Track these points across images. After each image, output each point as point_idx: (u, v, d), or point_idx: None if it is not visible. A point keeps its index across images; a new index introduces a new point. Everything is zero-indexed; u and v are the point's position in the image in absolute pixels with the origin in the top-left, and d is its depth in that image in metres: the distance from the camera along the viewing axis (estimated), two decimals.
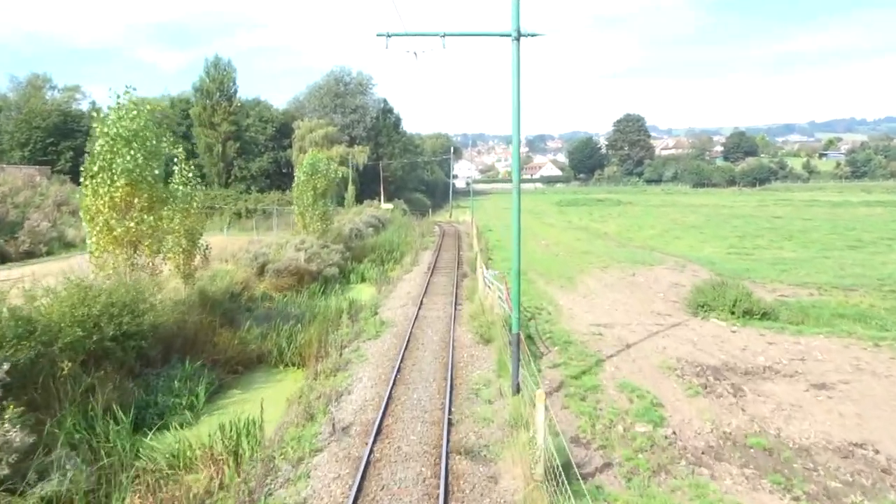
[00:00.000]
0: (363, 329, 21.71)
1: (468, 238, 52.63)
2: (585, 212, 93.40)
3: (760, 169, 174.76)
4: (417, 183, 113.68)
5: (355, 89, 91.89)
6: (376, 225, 55.36)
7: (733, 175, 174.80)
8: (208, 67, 73.28)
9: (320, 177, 39.62)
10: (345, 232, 45.61)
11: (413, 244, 48.90)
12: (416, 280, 32.37)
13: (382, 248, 45.07)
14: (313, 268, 32.88)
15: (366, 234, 49.49)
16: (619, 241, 53.27)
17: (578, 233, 60.77)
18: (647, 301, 26.35)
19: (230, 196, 70.02)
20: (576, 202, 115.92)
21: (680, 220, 75.42)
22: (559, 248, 47.13)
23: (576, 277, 32.23)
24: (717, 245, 48.47)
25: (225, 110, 73.04)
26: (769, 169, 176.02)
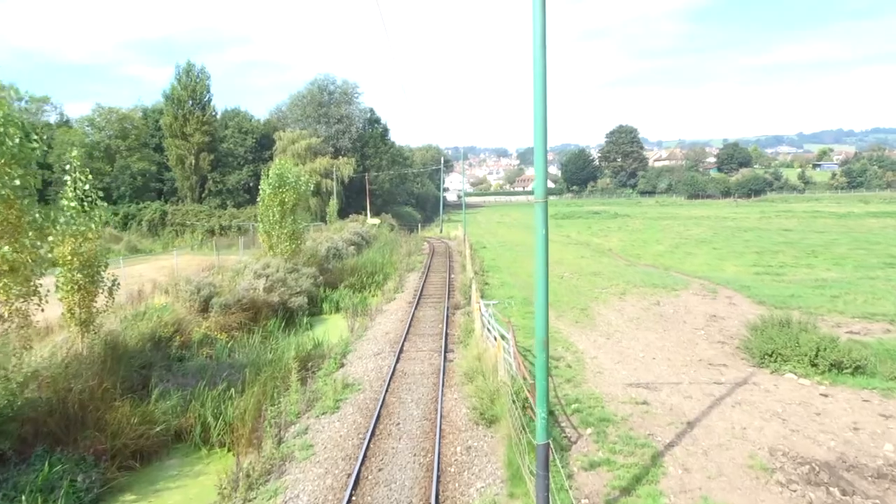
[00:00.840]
0: (319, 394, 15.78)
1: (460, 257, 46.82)
2: (583, 225, 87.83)
3: (755, 180, 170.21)
4: (406, 196, 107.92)
5: (340, 98, 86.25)
6: (359, 243, 49.51)
7: (728, 186, 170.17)
8: (179, 74, 67.48)
9: (289, 189, 33.78)
10: (320, 252, 39.72)
11: (399, 265, 43.04)
12: (398, 313, 26.45)
13: (364, 270, 39.24)
14: (274, 299, 26.95)
15: (346, 254, 43.61)
16: (627, 259, 47.58)
17: (580, 249, 55.05)
18: (687, 343, 20.55)
19: (203, 212, 64.04)
20: (571, 215, 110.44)
21: (685, 233, 69.92)
22: (563, 267, 41.37)
23: (591, 308, 26.41)
24: (737, 263, 42.83)
25: (198, 120, 67.15)
26: (764, 180, 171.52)
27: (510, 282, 34.47)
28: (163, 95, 67.75)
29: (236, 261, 36.96)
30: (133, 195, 66.68)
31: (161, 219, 63.71)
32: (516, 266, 42.44)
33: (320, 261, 38.30)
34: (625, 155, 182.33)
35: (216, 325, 22.78)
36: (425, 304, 27.61)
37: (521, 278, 36.27)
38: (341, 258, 42.20)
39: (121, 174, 66.15)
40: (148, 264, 43.00)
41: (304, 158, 79.57)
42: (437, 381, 16.04)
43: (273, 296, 26.94)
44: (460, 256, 47.13)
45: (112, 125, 68.39)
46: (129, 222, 63.78)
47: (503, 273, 38.52)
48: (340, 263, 40.42)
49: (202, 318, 23.22)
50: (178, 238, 62.03)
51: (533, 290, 27.12)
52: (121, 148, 66.38)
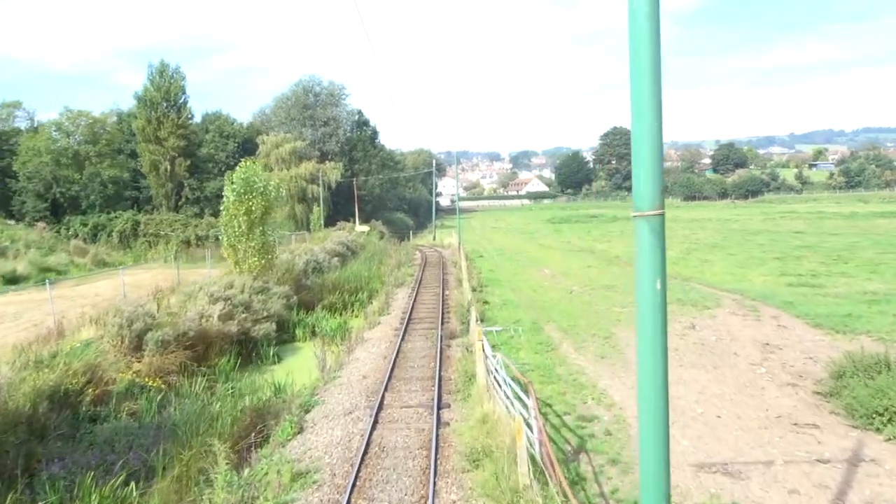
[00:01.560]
0: (258, 489, 10.89)
1: (455, 268, 42.01)
2: (582, 230, 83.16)
3: (752, 181, 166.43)
4: (398, 202, 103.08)
5: (326, 100, 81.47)
6: (343, 254, 44.63)
7: (725, 188, 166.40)
8: (152, 74, 62.49)
9: (256, 196, 28.94)
10: (297, 267, 34.84)
11: (387, 279, 38.22)
12: (381, 344, 21.59)
13: (347, 286, 34.42)
14: (232, 328, 22.06)
15: (328, 267, 38.73)
16: None
17: (585, 257, 50.31)
18: (750, 386, 15.78)
19: (178, 221, 59.06)
20: (568, 219, 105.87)
21: (692, 237, 65.32)
22: (570, 280, 36.63)
23: (615, 335, 21.61)
24: (762, 271, 38.19)
25: (173, 123, 62.18)
26: (761, 181, 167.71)
27: (513, 299, 29.64)
28: (135, 97, 62.90)
29: (206, 275, 32.20)
30: (104, 204, 61.66)
31: (133, 229, 58.72)
32: (518, 279, 37.63)
33: (297, 276, 33.42)
34: (620, 157, 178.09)
35: (150, 369, 17.87)
36: (414, 332, 22.77)
37: (524, 294, 31.46)
38: (322, 272, 37.34)
39: (90, 182, 61.11)
40: (112, 280, 38.30)
41: (288, 163, 74.85)
42: (427, 463, 11.19)
43: (231, 325, 22.05)
44: (455, 268, 42.34)
45: (82, 130, 63.40)
46: (99, 233, 58.76)
47: (504, 288, 33.72)
48: (321, 279, 35.56)
49: (135, 360, 18.35)
50: (151, 250, 57.08)
51: (548, 312, 22.07)
52: (90, 154, 61.36)
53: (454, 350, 19.80)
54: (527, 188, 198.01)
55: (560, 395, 14.96)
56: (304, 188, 74.37)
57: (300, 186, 73.99)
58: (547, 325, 23.30)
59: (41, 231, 54.09)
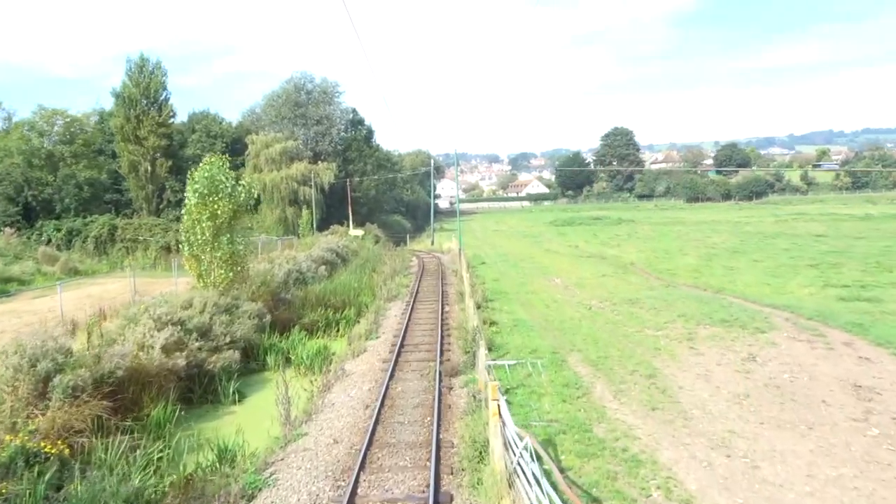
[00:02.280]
0: None
1: (455, 278, 37.41)
2: (588, 233, 78.63)
3: (757, 182, 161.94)
4: (394, 204, 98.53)
5: (319, 98, 76.90)
6: (332, 261, 40.03)
7: (729, 189, 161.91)
8: (131, 70, 57.85)
9: (223, 198, 24.41)
10: (276, 278, 30.27)
11: (379, 290, 33.62)
12: (363, 385, 16.97)
13: (333, 300, 29.88)
14: (180, 362, 17.45)
15: (313, 278, 34.12)
16: (658, 277, 38.32)
17: (596, 264, 45.73)
18: (869, 460, 11.19)
19: (158, 225, 54.45)
20: (572, 221, 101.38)
21: (707, 241, 60.83)
22: (586, 292, 32.05)
23: (660, 370, 17.01)
24: (801, 282, 33.66)
25: (153, 121, 57.51)
26: (765, 182, 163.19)
27: (525, 318, 25.03)
28: (112, 94, 58.12)
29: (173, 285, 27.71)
30: (80, 208, 57.01)
31: (110, 234, 54.08)
32: (527, 291, 33.04)
33: (275, 290, 28.84)
34: (621, 158, 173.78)
35: (53, 427, 13.30)
36: (406, 365, 18.18)
37: (537, 311, 26.87)
38: (306, 283, 32.74)
39: (64, 184, 56.48)
40: (78, 291, 33.84)
41: (278, 164, 70.33)
42: None
43: (178, 358, 17.45)
44: (455, 277, 37.76)
45: (58, 130, 58.84)
46: (74, 239, 54.14)
47: (512, 302, 29.11)
48: (304, 291, 30.94)
49: (38, 412, 13.78)
50: (128, 256, 52.47)
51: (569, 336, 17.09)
52: (65, 154, 56.78)
53: (457, 396, 15.21)
54: (526, 190, 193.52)
55: (609, 481, 10.36)
56: (295, 190, 69.84)
57: (291, 188, 69.47)
58: (570, 354, 18.70)
59: (8, 237, 49.46)
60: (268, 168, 69.84)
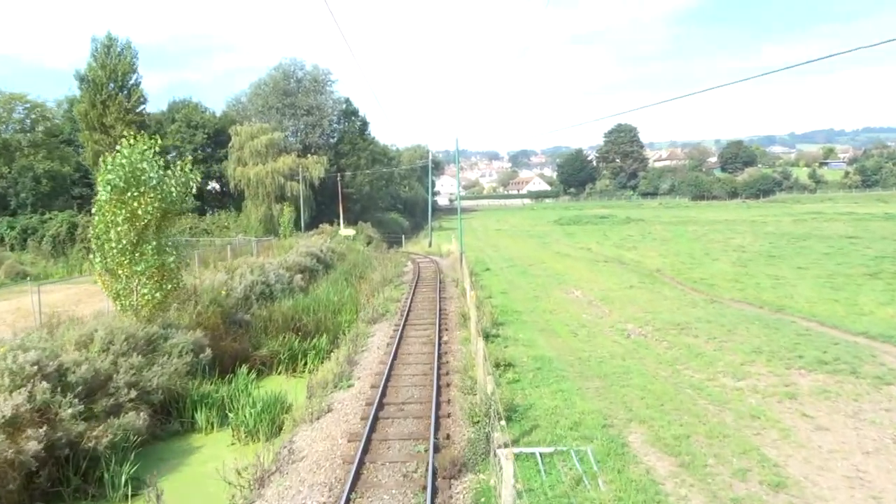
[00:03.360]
0: None
1: (456, 289, 31.00)
2: (597, 233, 72.20)
3: (764, 180, 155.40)
4: (391, 201, 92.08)
5: (309, 86, 70.40)
6: (312, 268, 33.69)
7: (735, 187, 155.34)
8: (97, 50, 51.29)
9: (147, 192, 18.06)
10: (234, 294, 23.94)
11: (363, 307, 27.31)
12: (313, 485, 10.61)
13: (304, 321, 23.61)
14: (28, 447, 11.12)
15: (284, 291, 27.71)
16: (694, 289, 31.99)
17: (617, 271, 39.40)
18: None
19: None
20: (577, 220, 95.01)
21: (731, 243, 54.52)
22: (616, 310, 25.71)
23: (782, 467, 10.64)
24: (873, 297, 27.34)
25: (120, 107, 51.05)
26: (773, 179, 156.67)
27: (549, 354, 18.60)
28: (76, 77, 51.54)
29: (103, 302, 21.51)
30: (38, 203, 50.63)
31: (70, 233, 47.74)
32: (544, 308, 26.65)
33: (229, 310, 22.54)
34: (624, 155, 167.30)
35: None
36: (384, 451, 11.83)
37: (563, 342, 20.51)
38: (273, 298, 26.38)
39: (21, 177, 50.06)
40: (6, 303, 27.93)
41: (264, 157, 63.88)
42: None
43: (27, 440, 11.12)
44: (456, 288, 31.40)
45: (17, 117, 52.43)
46: (30, 238, 47.83)
47: (529, 327, 22.71)
48: (269, 309, 24.59)
49: None
50: (88, 259, 46.18)
51: (619, 391, 11.21)
52: (22, 144, 50.39)
53: None
54: (528, 187, 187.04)
55: None
56: (282, 185, 63.42)
57: (278, 184, 63.05)
58: (630, 430, 12.36)
59: None
60: (252, 161, 63.42)
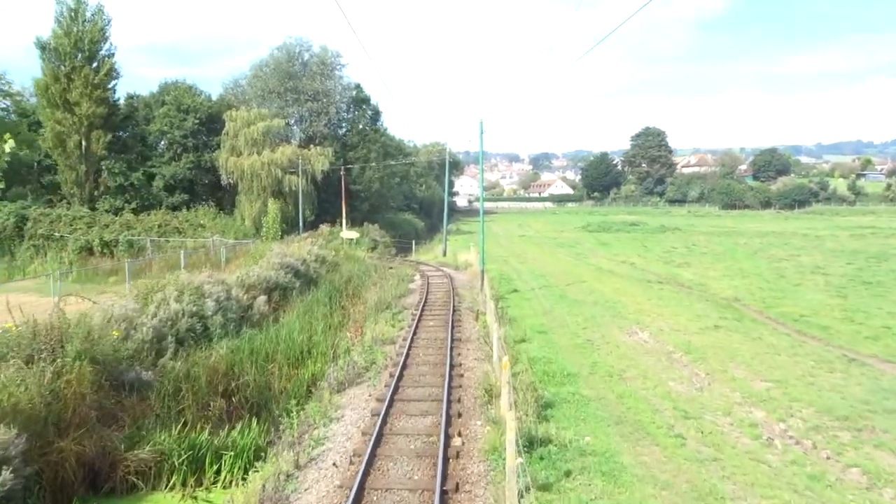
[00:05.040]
0: None
1: (476, 326, 21.84)
2: (634, 243, 62.70)
3: (799, 190, 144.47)
4: (405, 200, 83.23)
5: (316, 70, 61.66)
6: (285, 286, 24.82)
7: (769, 196, 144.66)
8: (62, 14, 42.84)
9: None
10: (134, 336, 15.14)
11: (340, 354, 18.40)
12: None
13: (240, 382, 14.83)
14: None
15: (226, 325, 18.79)
16: (800, 332, 22.72)
17: (681, 298, 30.10)
18: None
19: (81, 219, 39.64)
20: (607, 227, 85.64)
21: (800, 262, 45.06)
22: (717, 376, 16.53)
23: None
24: None
25: (87, 82, 42.61)
26: (809, 190, 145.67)
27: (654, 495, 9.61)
28: (36, 45, 43.02)
29: None
30: None
31: (17, 228, 39.48)
32: (608, 367, 17.42)
33: (116, 367, 13.77)
34: (651, 160, 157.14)
35: None
36: None
37: (670, 458, 11.31)
38: (210, 338, 17.55)
39: None
40: None
41: (261, 146, 55.36)
42: None
43: None
44: (475, 323, 22.33)
45: None
46: None
47: (595, 414, 13.44)
48: (193, 358, 15.77)
49: None
50: (38, 258, 37.91)
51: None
52: None
53: None
54: (549, 190, 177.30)
55: None
56: (280, 179, 54.83)
57: (275, 177, 54.47)
58: None
59: None
60: (248, 151, 54.91)
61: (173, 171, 53.80)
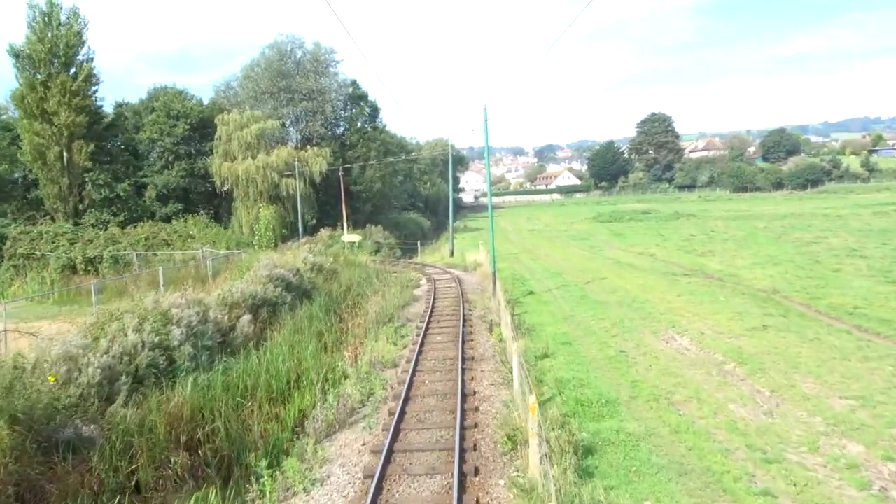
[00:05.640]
0: None
1: (490, 338, 18.91)
2: (650, 232, 59.54)
3: (812, 169, 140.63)
4: (409, 199, 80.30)
5: (310, 67, 58.79)
6: (275, 301, 21.99)
7: (780, 177, 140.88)
8: (34, 19, 40.15)
9: None
10: (78, 379, 12.33)
11: (333, 384, 15.54)
12: None
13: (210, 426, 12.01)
14: None
15: (197, 356, 15.98)
16: (861, 328, 19.63)
17: (714, 292, 27.03)
18: None
19: (64, 235, 37.01)
20: (618, 217, 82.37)
21: (833, 245, 41.80)
22: (785, 394, 13.54)
23: None
24: None
25: (65, 89, 39.93)
26: (822, 169, 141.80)
27: None
28: (10, 53, 40.29)
29: None
30: None
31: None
32: (652, 387, 14.44)
33: (46, 423, 10.96)
34: (658, 146, 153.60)
35: None
36: None
37: None
38: (174, 373, 14.72)
39: None
40: None
41: (255, 149, 52.62)
42: None
43: None
44: (489, 335, 19.42)
45: None
46: None
47: (650, 462, 10.66)
48: (152, 402, 12.95)
49: None
50: (18, 279, 35.34)
51: None
52: None
53: None
54: (556, 182, 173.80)
55: None
56: (276, 183, 52.13)
57: (271, 181, 51.76)
58: None
59: None
60: (242, 156, 52.20)
61: (166, 181, 51.16)
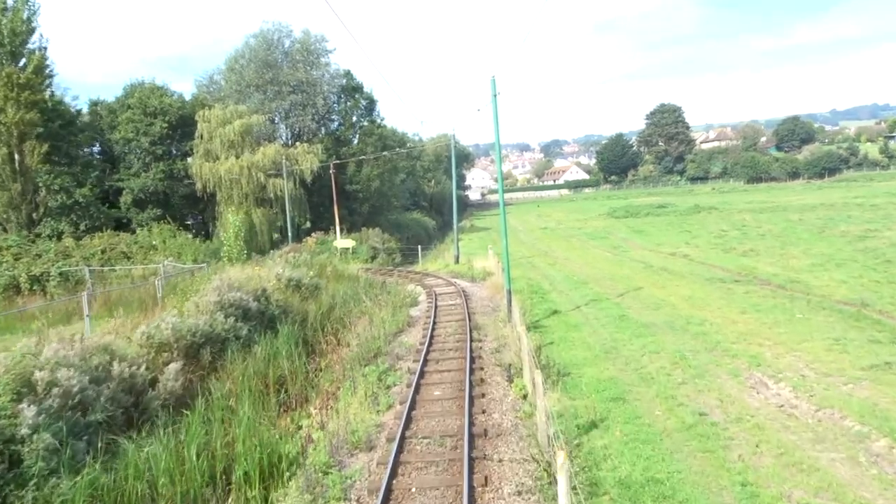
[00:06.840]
0: None
1: (511, 395, 13.33)
2: (672, 228, 53.68)
3: (829, 157, 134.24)
4: (412, 198, 74.65)
5: (298, 57, 53.23)
6: (221, 338, 16.53)
7: (796, 166, 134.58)
8: None
9: None
10: None
11: (284, 486, 9.97)
12: None
13: None
14: None
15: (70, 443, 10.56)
16: None
17: (781, 305, 21.30)
18: None
19: (8, 248, 31.61)
20: (634, 211, 76.44)
21: (887, 239, 36.02)
22: None
23: None
24: None
25: (10, 82, 34.52)
26: (839, 157, 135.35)
27: None
28: None
29: None
30: None
31: None
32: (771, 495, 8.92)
33: None
34: (669, 138, 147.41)
35: None
36: None
37: None
38: (24, 481, 9.24)
39: None
40: None
41: (239, 147, 47.19)
42: None
43: None
44: (507, 381, 13.84)
45: None
46: None
47: None
48: None
49: None
50: None
51: None
52: None
53: None
54: (564, 177, 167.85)
55: None
56: (263, 184, 46.71)
57: (258, 182, 46.35)
58: None
59: None
60: (225, 154, 46.82)
61: (143, 184, 45.84)
